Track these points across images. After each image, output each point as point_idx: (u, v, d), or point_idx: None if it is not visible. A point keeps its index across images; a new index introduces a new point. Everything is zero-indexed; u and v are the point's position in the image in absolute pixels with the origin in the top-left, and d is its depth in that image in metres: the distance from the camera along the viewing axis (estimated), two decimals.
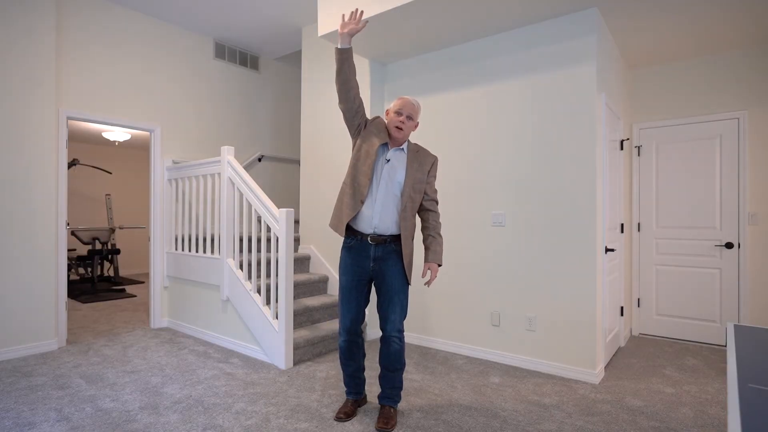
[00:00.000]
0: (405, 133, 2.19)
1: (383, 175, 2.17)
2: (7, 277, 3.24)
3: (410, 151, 2.25)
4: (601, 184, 3.00)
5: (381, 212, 2.15)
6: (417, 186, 2.20)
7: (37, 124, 3.39)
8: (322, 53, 4.23)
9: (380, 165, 2.19)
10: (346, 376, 2.38)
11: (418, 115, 2.24)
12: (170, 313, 4.20)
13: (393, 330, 2.18)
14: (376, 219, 2.15)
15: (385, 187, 2.16)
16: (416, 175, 2.20)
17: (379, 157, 2.20)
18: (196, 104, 4.58)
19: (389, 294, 2.19)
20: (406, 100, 2.20)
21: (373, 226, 2.16)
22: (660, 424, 2.30)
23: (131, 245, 8.34)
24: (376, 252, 2.19)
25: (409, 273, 2.23)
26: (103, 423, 2.25)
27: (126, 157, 8.31)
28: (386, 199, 2.16)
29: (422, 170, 2.22)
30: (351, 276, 2.22)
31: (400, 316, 2.20)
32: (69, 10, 3.69)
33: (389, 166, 2.18)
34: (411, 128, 2.22)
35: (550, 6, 2.87)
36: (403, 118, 2.18)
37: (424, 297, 3.69)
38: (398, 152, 2.22)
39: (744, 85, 3.62)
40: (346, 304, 2.25)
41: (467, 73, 3.47)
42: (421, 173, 2.22)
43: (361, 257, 2.20)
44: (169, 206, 4.20)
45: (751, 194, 3.59)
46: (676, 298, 3.90)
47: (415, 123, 2.23)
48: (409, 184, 2.17)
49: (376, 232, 2.17)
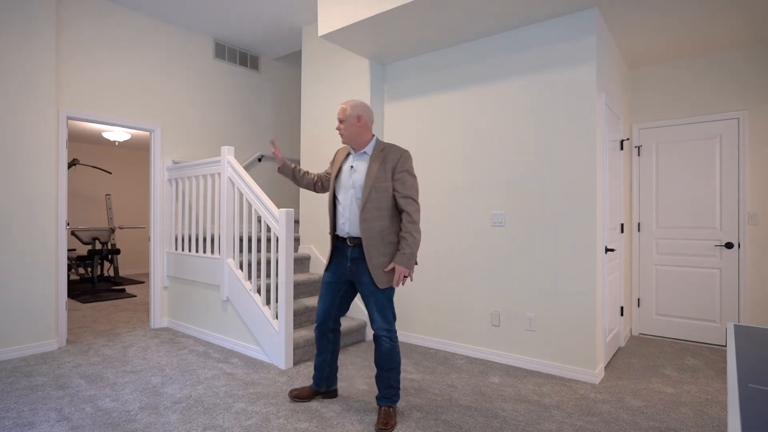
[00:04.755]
0: (348, 136, 2.30)
1: (349, 182, 2.29)
2: (7, 277, 3.24)
3: (375, 151, 2.29)
4: (601, 184, 3.01)
5: (348, 216, 2.28)
6: (379, 185, 2.22)
7: (37, 124, 3.39)
8: (322, 53, 4.23)
9: (347, 174, 2.32)
10: (315, 364, 2.53)
11: (345, 112, 2.28)
12: (170, 313, 4.20)
13: (377, 329, 2.25)
14: (346, 224, 2.30)
15: (350, 192, 2.28)
16: (377, 174, 2.22)
17: (344, 166, 2.35)
18: (196, 104, 4.58)
19: (364, 294, 2.29)
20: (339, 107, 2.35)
21: (346, 231, 2.30)
22: (660, 424, 2.30)
23: (131, 245, 8.34)
24: (353, 253, 2.30)
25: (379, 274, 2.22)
26: (103, 423, 2.25)
27: (126, 157, 8.31)
28: (351, 203, 2.27)
29: (385, 168, 2.23)
30: (331, 274, 2.39)
31: (381, 315, 2.24)
32: (69, 10, 3.69)
33: (353, 171, 2.30)
34: (351, 127, 2.28)
35: (549, 6, 2.87)
36: (337, 125, 2.32)
37: (424, 297, 3.69)
38: (361, 156, 2.31)
39: (744, 85, 3.62)
40: (321, 298, 2.44)
41: (467, 73, 3.47)
42: (384, 171, 2.23)
43: (342, 257, 2.35)
44: (169, 206, 4.20)
45: (751, 194, 3.59)
46: (676, 298, 3.90)
47: (349, 122, 2.28)
48: (369, 185, 2.21)
49: (350, 234, 2.29)
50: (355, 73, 3.96)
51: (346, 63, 4.04)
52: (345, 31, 3.32)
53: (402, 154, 2.26)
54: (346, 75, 4.03)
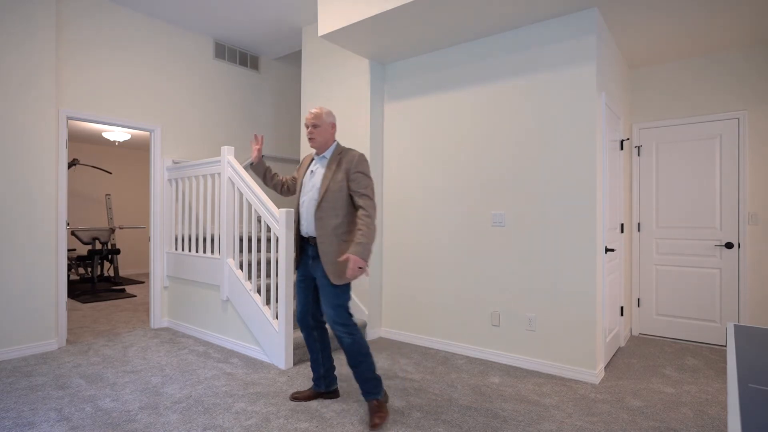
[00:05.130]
0: (318, 141, 2.39)
1: (309, 185, 2.41)
2: (7, 277, 3.25)
3: (333, 155, 2.39)
4: (601, 184, 3.01)
5: (306, 216, 2.39)
6: (335, 185, 2.31)
7: (37, 124, 3.39)
8: (322, 53, 4.23)
9: (308, 177, 2.44)
10: (310, 364, 2.57)
11: (321, 117, 2.37)
12: (170, 313, 4.20)
13: (331, 324, 2.30)
14: (305, 224, 2.41)
15: (309, 194, 2.39)
16: (334, 176, 2.33)
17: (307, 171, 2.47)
18: (196, 104, 4.58)
19: (319, 289, 2.37)
20: (309, 112, 2.41)
21: (305, 231, 2.41)
22: (660, 424, 2.30)
23: (131, 245, 8.34)
24: (312, 251, 2.40)
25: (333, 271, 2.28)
26: (103, 423, 2.25)
27: (126, 157, 8.31)
28: (309, 203, 2.38)
29: (341, 169, 2.33)
30: (300, 273, 2.50)
31: (334, 311, 2.29)
32: (69, 10, 3.69)
33: (312, 175, 2.42)
34: (324, 133, 2.38)
35: (550, 6, 2.87)
36: (309, 129, 2.39)
37: (424, 297, 3.69)
38: (321, 160, 2.43)
39: (744, 85, 3.62)
40: (297, 298, 2.53)
41: (467, 73, 3.47)
42: (340, 172, 2.33)
43: (305, 256, 2.46)
44: (169, 206, 4.20)
45: (751, 194, 3.59)
46: (676, 298, 3.90)
47: (324, 127, 2.38)
48: (325, 186, 2.32)
49: (308, 233, 2.40)
50: (355, 73, 3.96)
51: (346, 63, 4.04)
52: (345, 31, 3.32)
53: (355, 156, 2.35)
54: (346, 75, 4.03)
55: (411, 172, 3.80)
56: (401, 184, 3.86)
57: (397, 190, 3.89)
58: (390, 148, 3.94)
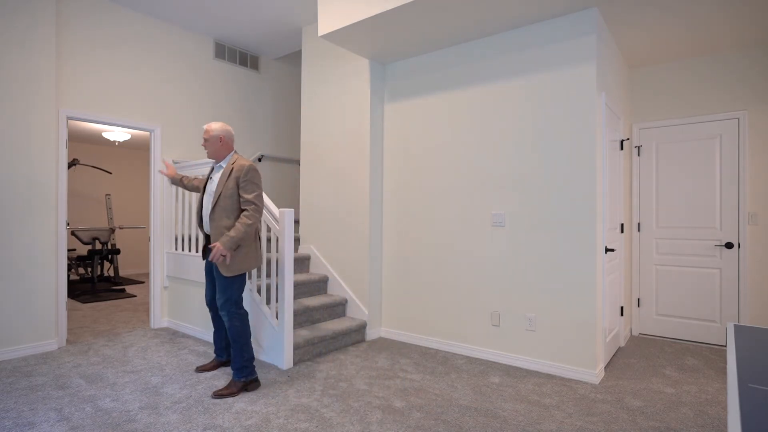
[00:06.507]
0: (211, 152, 2.77)
1: (209, 189, 2.79)
2: (7, 277, 3.24)
3: (228, 164, 2.73)
4: (601, 184, 3.00)
5: (205, 217, 2.80)
6: (227, 191, 2.66)
7: (37, 124, 3.39)
8: (322, 53, 4.23)
9: (209, 183, 2.82)
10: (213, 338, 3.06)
11: (209, 132, 2.75)
12: (170, 313, 4.20)
13: (220, 306, 2.70)
14: (204, 223, 2.82)
15: (207, 198, 2.80)
16: (227, 183, 2.67)
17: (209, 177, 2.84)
18: (196, 104, 4.58)
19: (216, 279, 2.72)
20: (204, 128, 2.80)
21: (205, 229, 2.83)
22: (660, 424, 2.30)
23: (131, 245, 8.33)
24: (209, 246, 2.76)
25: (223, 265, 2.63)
26: (103, 423, 2.25)
27: (126, 157, 8.31)
28: (206, 206, 2.79)
29: (233, 178, 2.68)
30: (206, 262, 2.94)
31: (222, 295, 2.68)
32: (69, 10, 3.68)
33: (211, 182, 2.80)
34: (212, 146, 2.76)
35: (549, 6, 2.87)
36: (203, 142, 2.84)
37: (424, 297, 3.69)
38: (218, 169, 2.81)
39: (744, 85, 3.62)
40: (205, 283, 3.03)
41: (467, 73, 3.47)
42: (232, 181, 2.67)
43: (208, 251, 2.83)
44: (169, 206, 4.20)
45: (751, 194, 3.59)
46: (676, 298, 3.90)
47: (212, 141, 2.75)
48: (218, 191, 2.67)
49: (207, 231, 2.81)
50: (355, 73, 3.96)
51: (346, 63, 4.04)
52: (345, 31, 3.32)
53: (244, 166, 2.68)
54: (346, 75, 4.03)
55: (411, 172, 3.80)
56: (401, 184, 3.86)
57: (396, 190, 3.89)
58: (390, 148, 3.94)
